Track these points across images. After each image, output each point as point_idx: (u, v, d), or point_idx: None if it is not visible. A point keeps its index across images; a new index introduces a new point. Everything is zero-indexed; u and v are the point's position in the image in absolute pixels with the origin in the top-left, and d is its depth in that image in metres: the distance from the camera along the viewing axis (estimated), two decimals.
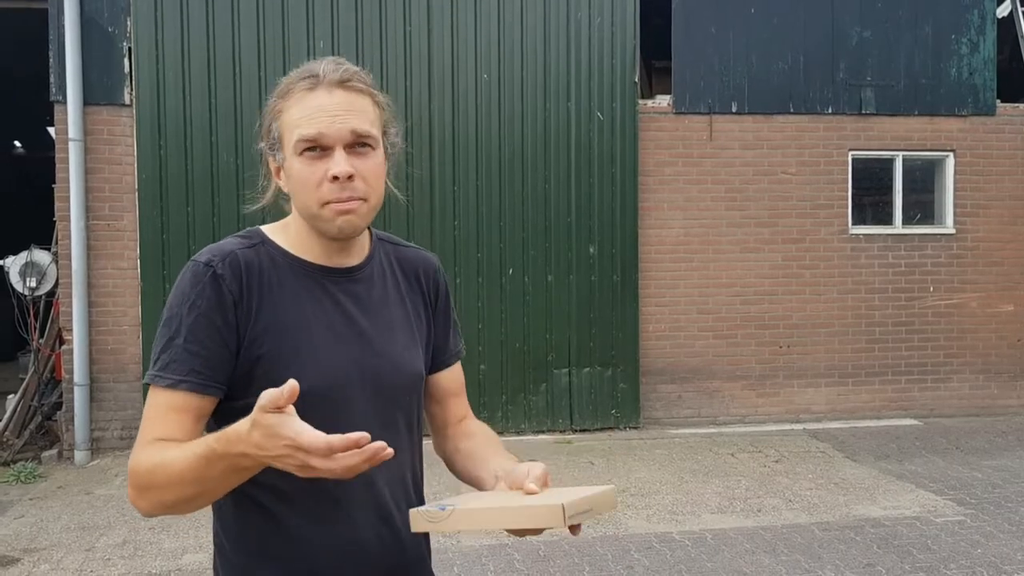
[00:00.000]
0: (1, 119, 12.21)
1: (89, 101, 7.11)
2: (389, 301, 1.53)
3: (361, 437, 1.11)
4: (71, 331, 7.11)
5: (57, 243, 7.38)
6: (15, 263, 7.52)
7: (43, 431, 7.49)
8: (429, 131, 7.53)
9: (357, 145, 1.39)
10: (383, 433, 1.43)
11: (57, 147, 7.20)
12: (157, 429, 1.33)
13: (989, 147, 8.38)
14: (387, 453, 1.15)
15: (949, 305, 8.37)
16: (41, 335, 7.53)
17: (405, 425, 1.51)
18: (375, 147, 1.42)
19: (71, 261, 7.06)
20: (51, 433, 7.44)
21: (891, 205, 8.38)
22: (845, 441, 7.41)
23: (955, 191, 8.36)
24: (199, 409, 1.36)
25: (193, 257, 1.42)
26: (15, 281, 7.51)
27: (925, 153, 8.36)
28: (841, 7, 8.10)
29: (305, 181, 1.39)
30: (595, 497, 1.28)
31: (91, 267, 7.17)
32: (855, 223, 8.26)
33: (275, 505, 1.40)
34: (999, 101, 8.40)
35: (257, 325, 1.39)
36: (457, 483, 1.63)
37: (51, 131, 8.38)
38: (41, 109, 8.05)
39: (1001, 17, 8.52)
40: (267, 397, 1.12)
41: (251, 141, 1.46)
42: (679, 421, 7.98)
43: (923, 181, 8.52)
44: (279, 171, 1.46)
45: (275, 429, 1.12)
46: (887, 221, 8.40)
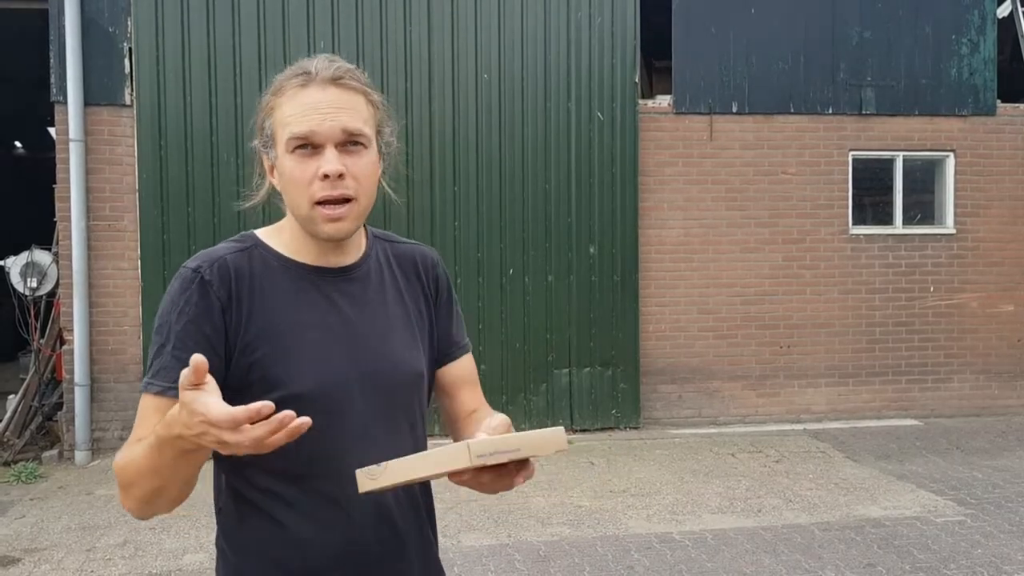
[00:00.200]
0: (2, 119, 12.21)
1: (90, 101, 7.12)
2: (387, 299, 1.51)
3: (264, 406, 1.10)
4: (72, 331, 7.12)
5: (58, 243, 7.39)
6: (16, 263, 7.53)
7: (44, 431, 7.50)
8: (429, 131, 7.53)
9: (349, 144, 1.39)
10: (384, 433, 1.45)
11: (58, 147, 7.21)
12: (142, 432, 1.35)
13: (989, 147, 8.38)
14: (298, 425, 1.12)
15: (949, 305, 8.37)
16: (42, 335, 7.53)
17: (407, 424, 1.50)
18: (367, 146, 1.41)
19: (72, 261, 7.07)
20: (52, 433, 7.45)
21: (891, 205, 8.38)
22: (845, 441, 7.41)
23: (955, 191, 8.36)
24: None
25: (183, 264, 1.42)
26: (16, 281, 7.51)
27: (925, 153, 8.36)
28: (841, 7, 8.10)
29: (296, 179, 1.38)
30: (523, 438, 1.22)
31: (92, 267, 7.17)
32: (855, 223, 8.26)
33: (274, 507, 1.40)
34: (999, 101, 8.40)
35: (249, 330, 1.39)
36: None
37: (52, 131, 8.37)
38: (42, 109, 8.05)
39: (1001, 17, 8.51)
40: (183, 374, 1.13)
41: (251, 140, 1.46)
42: (679, 421, 7.98)
43: (923, 181, 8.52)
44: (272, 169, 1.46)
45: (191, 405, 1.13)
46: (887, 221, 8.40)
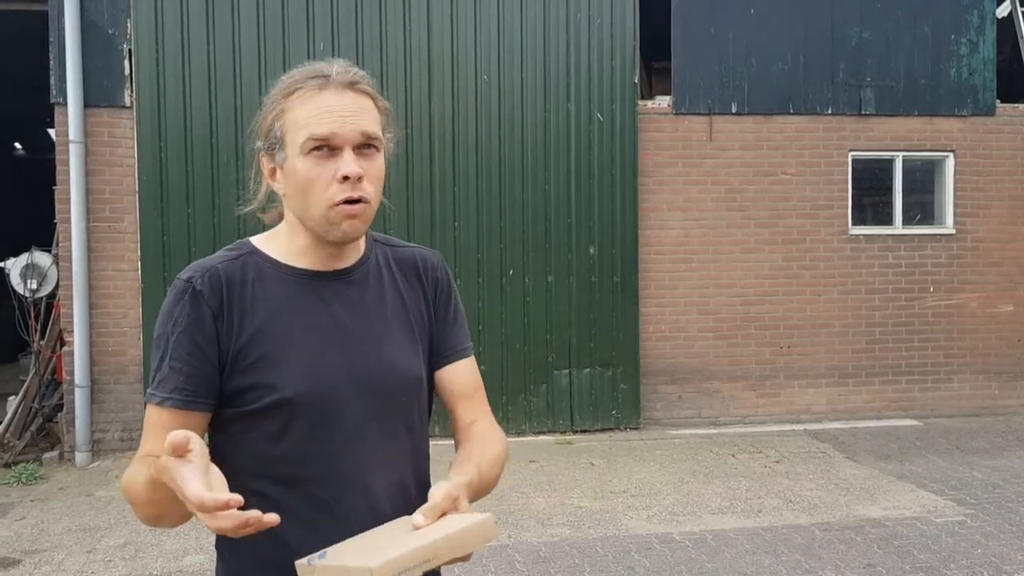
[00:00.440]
0: (2, 121, 12.21)
1: (89, 103, 7.12)
2: (385, 302, 1.50)
3: (232, 499, 1.10)
4: (72, 333, 7.12)
5: (58, 245, 7.39)
6: (16, 265, 7.53)
7: (44, 433, 7.50)
8: (429, 133, 7.53)
9: (364, 147, 1.40)
10: (378, 436, 1.44)
11: (58, 149, 7.21)
12: (147, 445, 1.38)
13: (989, 147, 8.39)
14: (265, 521, 1.13)
15: (949, 305, 8.37)
16: (42, 337, 7.53)
17: (404, 428, 1.49)
18: (379, 149, 1.43)
19: (72, 263, 7.07)
20: (52, 435, 7.45)
21: (891, 205, 8.38)
22: (845, 441, 7.41)
23: (955, 191, 8.36)
24: (185, 425, 1.37)
25: (178, 275, 1.43)
26: (16, 283, 7.51)
27: (925, 153, 8.36)
28: (840, 8, 8.11)
29: (313, 181, 1.38)
30: (444, 542, 1.16)
31: (92, 269, 7.17)
32: (855, 223, 8.26)
33: (267, 510, 1.40)
34: (999, 101, 8.40)
35: (241, 337, 1.40)
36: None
37: (51, 133, 8.38)
38: (41, 111, 8.05)
39: (1001, 17, 8.52)
40: (166, 443, 1.13)
41: (250, 142, 1.45)
42: (679, 422, 7.98)
43: (923, 181, 8.53)
44: (274, 172, 1.45)
45: (170, 474, 1.14)
46: (887, 221, 8.40)
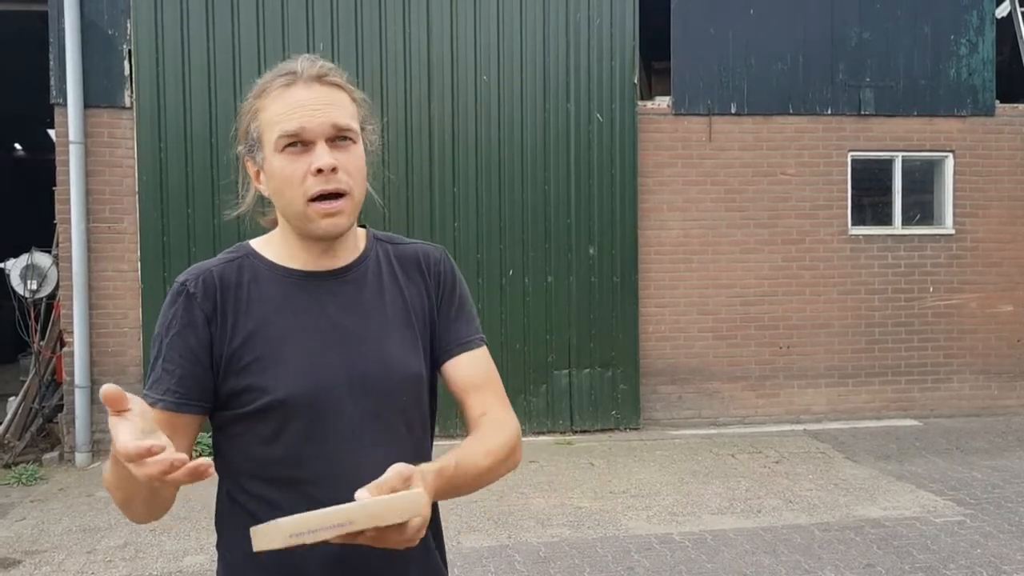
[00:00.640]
0: (1, 121, 12.21)
1: (89, 103, 7.12)
2: (384, 300, 1.49)
3: (154, 446, 1.09)
4: (72, 333, 7.12)
5: (58, 246, 7.39)
6: (16, 266, 7.53)
7: (44, 433, 7.50)
8: (429, 133, 7.54)
9: (338, 138, 1.39)
10: (376, 436, 1.43)
11: (57, 150, 7.21)
12: None
13: (988, 148, 8.39)
14: (193, 467, 1.10)
15: (949, 305, 8.38)
16: (42, 337, 7.54)
17: (405, 427, 1.47)
18: (356, 141, 1.42)
19: (72, 264, 7.07)
20: (52, 435, 7.45)
21: (890, 206, 8.39)
22: (845, 442, 7.42)
23: (954, 192, 8.37)
24: (177, 426, 1.39)
25: (176, 278, 1.45)
26: (16, 284, 7.52)
27: (924, 154, 8.36)
28: (840, 8, 8.11)
29: (288, 177, 1.38)
30: (363, 508, 1.14)
31: (92, 270, 7.18)
32: (855, 224, 8.27)
33: (264, 513, 1.40)
34: (998, 102, 8.40)
35: (236, 340, 1.40)
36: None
37: (51, 133, 8.38)
38: (41, 111, 8.05)
39: (1000, 18, 8.52)
40: (101, 391, 1.15)
41: (234, 148, 1.43)
42: (679, 422, 7.99)
43: (922, 182, 8.53)
44: (259, 174, 1.45)
45: (112, 432, 1.14)
46: (887, 222, 8.41)
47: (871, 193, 8.45)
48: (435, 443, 1.60)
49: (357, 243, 1.51)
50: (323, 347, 1.42)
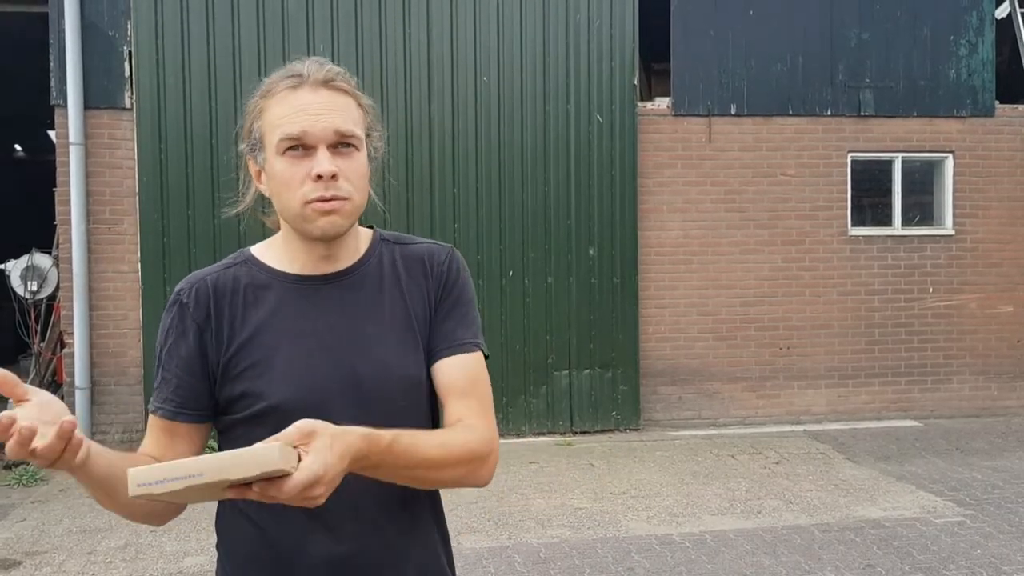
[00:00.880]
0: (2, 122, 12.21)
1: (90, 105, 7.13)
2: (383, 303, 1.46)
3: (5, 416, 1.09)
4: (72, 334, 7.12)
5: (58, 247, 7.40)
6: (16, 267, 7.54)
7: None
8: (429, 134, 7.54)
9: (340, 145, 1.37)
10: None
11: (58, 151, 7.22)
12: (146, 443, 1.45)
13: (988, 148, 8.40)
14: (19, 428, 1.09)
15: (949, 306, 8.38)
16: (42, 339, 7.54)
17: None
18: (359, 148, 1.40)
19: (72, 265, 7.08)
20: None
21: (890, 206, 8.39)
22: (845, 442, 7.42)
23: (954, 192, 8.37)
24: (175, 434, 1.43)
25: (175, 287, 1.48)
26: (16, 285, 7.52)
27: (924, 154, 8.37)
28: (840, 9, 8.12)
29: (288, 180, 1.36)
30: (213, 460, 1.07)
31: (92, 271, 7.18)
32: (854, 224, 8.27)
33: (260, 516, 1.40)
34: (998, 102, 8.41)
35: (231, 347, 1.41)
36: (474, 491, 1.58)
37: (52, 135, 8.38)
38: (42, 113, 8.06)
39: (1000, 18, 8.53)
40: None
41: (238, 145, 1.43)
42: (679, 423, 7.99)
43: (922, 182, 8.54)
44: (260, 174, 1.44)
45: None
46: (886, 222, 8.41)
47: (871, 194, 8.46)
48: None
49: (359, 245, 1.50)
50: (317, 352, 1.41)
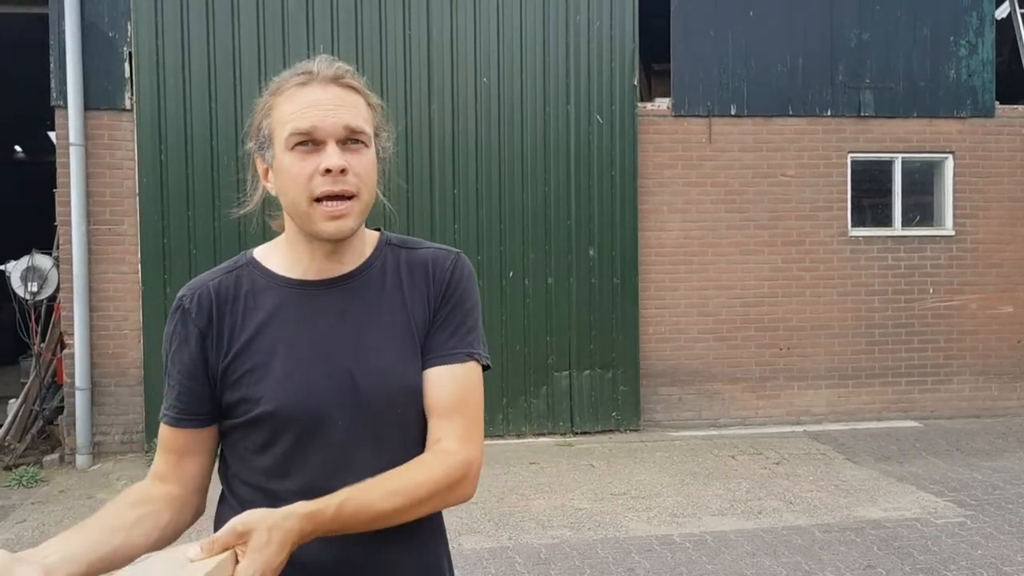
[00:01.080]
0: (2, 123, 12.22)
1: (90, 106, 7.13)
2: (383, 309, 1.44)
3: None
4: (72, 335, 7.12)
5: (58, 248, 7.40)
6: (16, 268, 7.53)
7: (45, 435, 7.50)
8: (429, 135, 7.54)
9: (350, 141, 1.37)
10: (367, 449, 1.39)
11: (58, 152, 7.21)
12: (155, 460, 1.48)
13: (988, 149, 8.40)
14: None
15: (949, 307, 8.38)
16: (42, 339, 7.54)
17: (398, 440, 1.41)
18: (368, 144, 1.40)
19: (72, 265, 7.08)
20: (53, 437, 7.45)
21: (890, 207, 8.39)
22: (845, 443, 7.42)
23: (954, 193, 8.37)
24: (181, 439, 1.44)
25: (177, 293, 1.48)
26: (16, 286, 7.52)
27: (924, 155, 8.37)
28: (840, 9, 8.12)
29: (296, 176, 1.36)
30: None
31: (92, 271, 7.18)
32: (855, 225, 8.27)
33: None
34: (998, 103, 8.41)
35: (231, 352, 1.41)
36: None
37: (52, 136, 8.39)
38: (42, 113, 8.06)
39: (1000, 19, 8.53)
40: None
41: (246, 144, 1.43)
42: (679, 423, 7.99)
43: (922, 183, 8.54)
44: (267, 172, 1.44)
45: None
46: (887, 223, 8.41)
47: (871, 194, 8.46)
48: None
49: (363, 248, 1.48)
50: (315, 358, 1.40)
